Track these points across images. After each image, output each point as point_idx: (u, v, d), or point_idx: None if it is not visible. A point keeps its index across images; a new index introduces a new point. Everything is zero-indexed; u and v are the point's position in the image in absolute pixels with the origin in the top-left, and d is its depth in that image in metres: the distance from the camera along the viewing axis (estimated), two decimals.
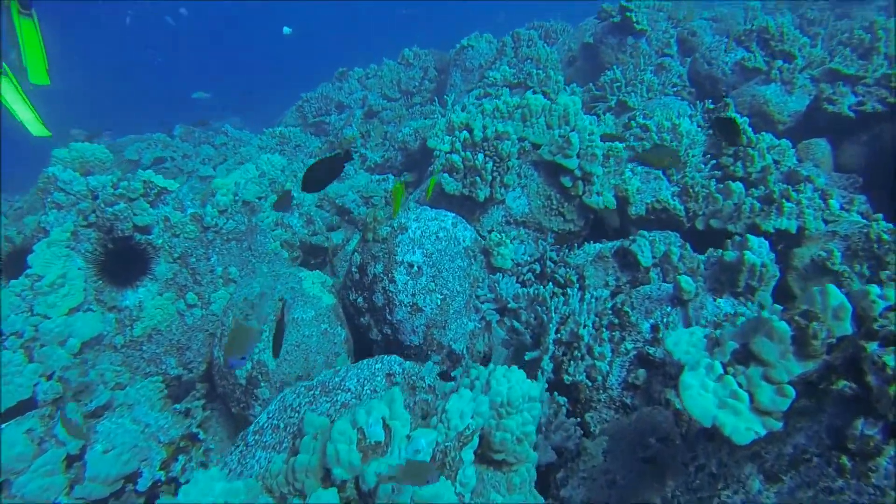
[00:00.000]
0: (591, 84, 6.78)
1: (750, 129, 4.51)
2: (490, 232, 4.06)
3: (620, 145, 4.17)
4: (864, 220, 3.73)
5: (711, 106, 5.43)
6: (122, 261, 3.89)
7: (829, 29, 8.07)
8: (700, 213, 4.09)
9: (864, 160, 4.98)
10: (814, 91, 5.56)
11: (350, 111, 9.21)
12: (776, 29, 6.07)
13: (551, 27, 8.90)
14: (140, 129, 9.17)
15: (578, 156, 3.99)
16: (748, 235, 3.24)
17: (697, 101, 5.79)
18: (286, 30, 14.52)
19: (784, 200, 3.71)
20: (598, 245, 3.93)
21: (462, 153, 4.03)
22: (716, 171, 4.53)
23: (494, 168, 4.01)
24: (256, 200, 4.82)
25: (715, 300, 3.09)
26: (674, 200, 4.14)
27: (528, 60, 7.44)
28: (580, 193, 4.06)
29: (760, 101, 5.65)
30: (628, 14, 7.03)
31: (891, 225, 3.38)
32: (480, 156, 4.00)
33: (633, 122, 4.93)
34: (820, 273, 3.45)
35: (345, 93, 9.64)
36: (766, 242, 3.24)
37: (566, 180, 4.04)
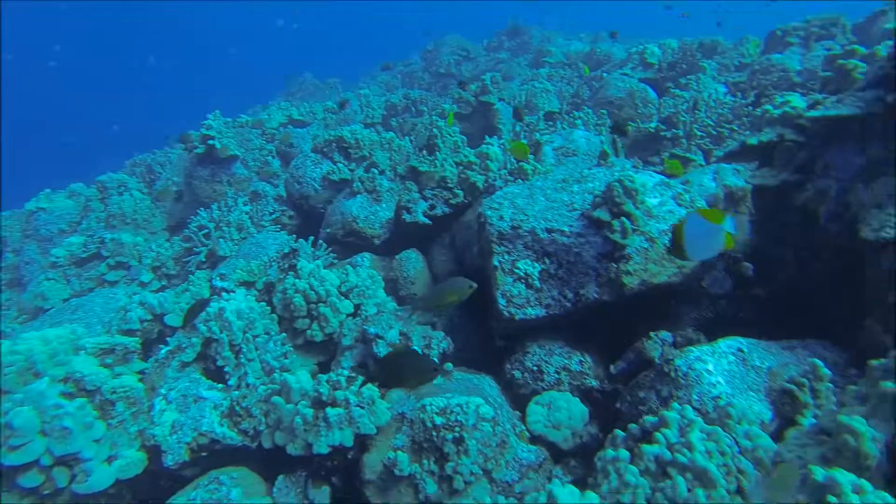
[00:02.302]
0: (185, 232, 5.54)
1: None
2: None
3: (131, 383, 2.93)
4: None
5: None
6: None
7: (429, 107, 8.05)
8: None
9: (451, 265, 4.51)
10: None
11: None
12: (351, 136, 5.53)
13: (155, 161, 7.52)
14: None
15: None
16: None
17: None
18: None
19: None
20: None
21: None
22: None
23: None
24: None
25: None
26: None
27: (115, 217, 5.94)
28: None
29: (349, 220, 4.96)
30: (211, 142, 5.99)
31: None
32: None
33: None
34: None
35: None
36: None
37: None
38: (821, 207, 2.91)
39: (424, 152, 5.50)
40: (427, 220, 4.57)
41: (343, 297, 3.95)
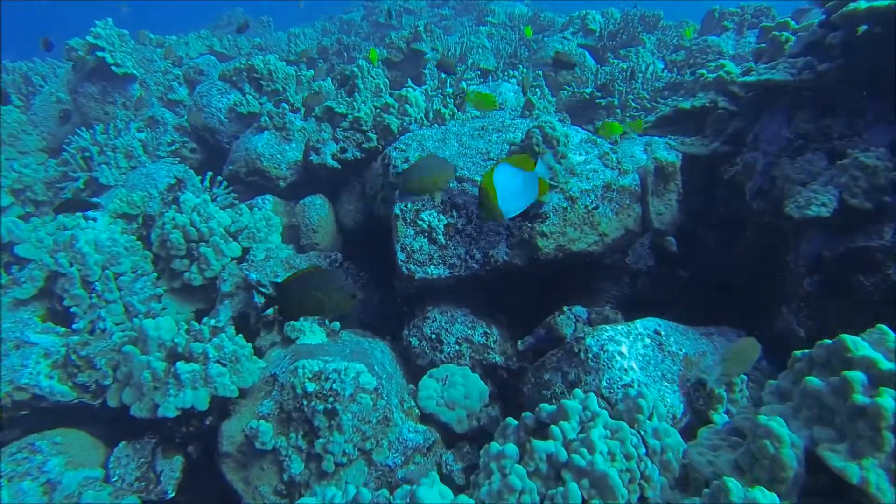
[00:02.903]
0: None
1: None
2: None
3: None
4: None
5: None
6: None
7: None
8: None
9: (361, 215, 4.07)
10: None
11: None
12: (264, 67, 4.89)
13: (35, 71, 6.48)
14: None
15: None
16: None
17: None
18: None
19: None
20: None
21: None
22: None
23: None
24: None
25: None
26: None
27: None
28: None
29: (254, 157, 4.38)
30: (100, 54, 5.16)
31: None
32: None
33: None
34: None
35: None
36: None
37: None
38: (747, 182, 2.69)
39: (343, 92, 4.98)
40: (336, 164, 4.08)
41: (230, 239, 3.44)
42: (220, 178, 4.26)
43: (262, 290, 2.90)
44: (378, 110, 4.12)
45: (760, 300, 2.59)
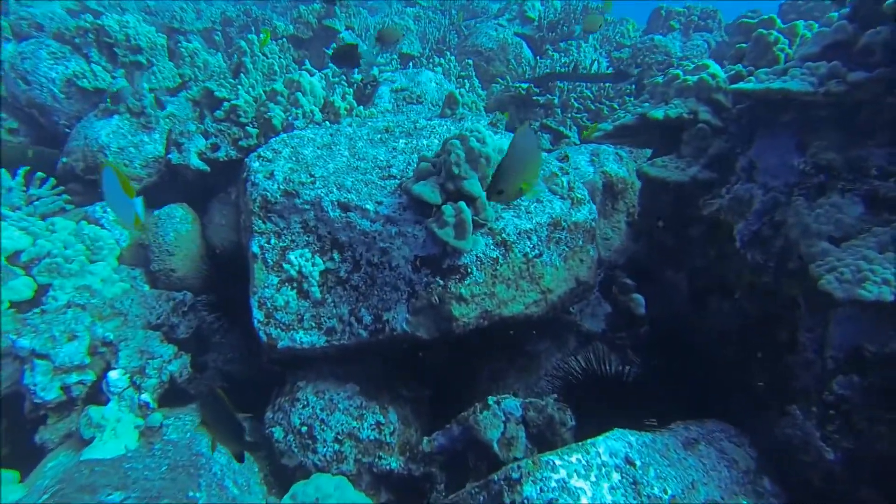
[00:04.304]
0: None
1: None
2: None
3: None
4: None
5: None
6: None
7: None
8: None
9: (234, 234, 3.07)
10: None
11: None
12: (120, 29, 3.71)
13: None
14: None
15: None
16: None
17: None
18: None
19: None
20: None
21: None
22: None
23: None
24: None
25: None
26: None
27: None
28: None
29: (95, 150, 3.25)
30: None
31: None
32: None
33: None
34: None
35: None
36: None
37: None
38: (738, 223, 1.94)
39: (228, 75, 3.90)
40: (203, 165, 3.05)
41: (17, 272, 2.34)
42: (40, 174, 3.10)
43: (37, 363, 1.87)
44: (264, 98, 3.11)
45: (751, 387, 1.86)
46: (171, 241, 2.95)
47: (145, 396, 1.96)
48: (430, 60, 4.75)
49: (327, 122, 2.66)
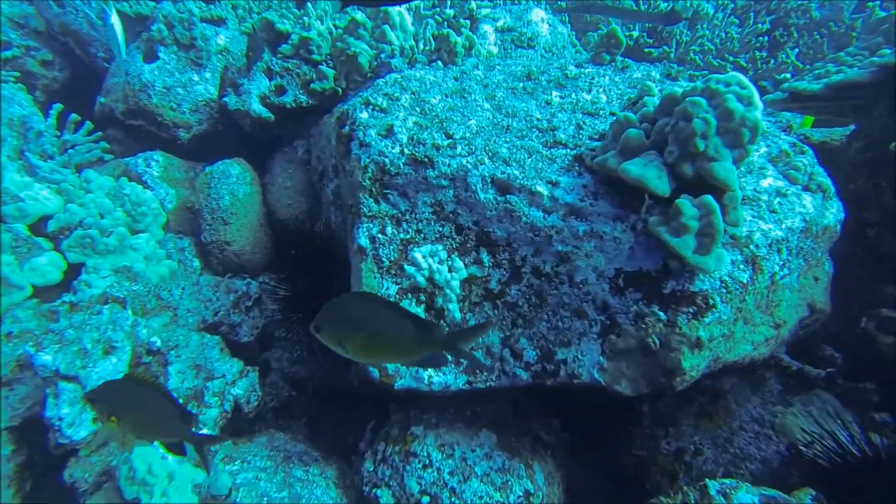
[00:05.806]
0: None
1: None
2: None
3: None
4: None
5: None
6: None
7: None
8: None
9: (302, 198, 2.48)
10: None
11: None
12: None
13: None
14: None
15: None
16: None
17: None
18: None
19: None
20: None
21: None
22: None
23: None
24: None
25: None
26: None
27: None
28: None
29: (138, 88, 2.65)
30: None
31: None
32: None
33: None
34: None
35: None
36: None
37: None
38: None
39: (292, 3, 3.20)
40: (267, 113, 2.43)
41: (42, 245, 1.79)
42: (74, 116, 2.51)
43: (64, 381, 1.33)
44: (341, 31, 2.43)
45: None
46: (227, 207, 2.36)
47: (209, 419, 1.42)
48: None
49: (438, 63, 1.99)
